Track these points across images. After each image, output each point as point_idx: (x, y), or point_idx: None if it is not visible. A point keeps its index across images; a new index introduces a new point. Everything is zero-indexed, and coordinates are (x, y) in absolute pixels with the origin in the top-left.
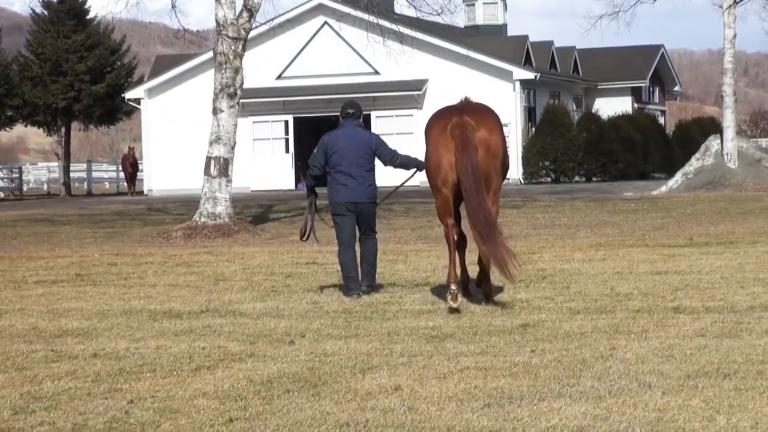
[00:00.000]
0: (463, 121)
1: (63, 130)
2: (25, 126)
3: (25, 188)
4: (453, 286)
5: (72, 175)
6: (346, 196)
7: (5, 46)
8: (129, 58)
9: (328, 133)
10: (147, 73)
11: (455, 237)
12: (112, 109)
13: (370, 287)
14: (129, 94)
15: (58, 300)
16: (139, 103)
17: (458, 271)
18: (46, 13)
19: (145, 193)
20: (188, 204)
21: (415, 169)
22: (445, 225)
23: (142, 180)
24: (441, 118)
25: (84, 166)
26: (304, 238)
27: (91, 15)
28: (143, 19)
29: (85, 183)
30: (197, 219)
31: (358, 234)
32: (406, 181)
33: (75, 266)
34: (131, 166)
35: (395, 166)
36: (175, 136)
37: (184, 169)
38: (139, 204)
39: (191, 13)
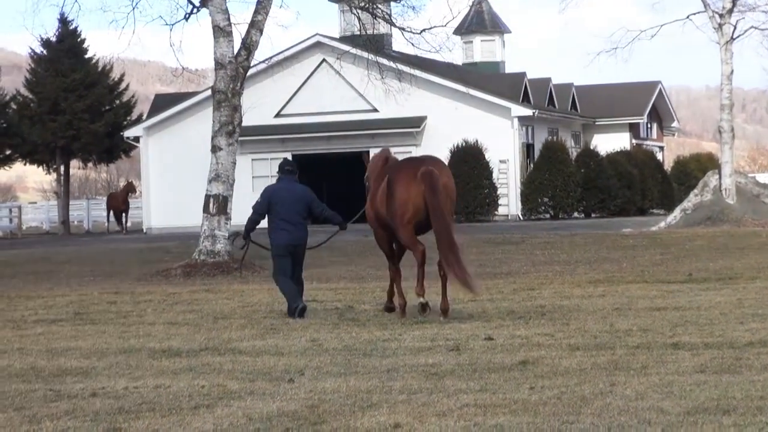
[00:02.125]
0: (430, 170)
1: (62, 168)
2: (24, 164)
3: (24, 227)
4: (422, 299)
5: (71, 213)
6: (286, 239)
7: (4, 85)
8: (128, 96)
9: (270, 186)
10: (146, 112)
11: (424, 258)
12: (111, 147)
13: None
14: (128, 133)
15: (57, 339)
16: (138, 141)
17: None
18: (44, 52)
19: (144, 230)
20: (187, 242)
21: (338, 228)
22: (418, 248)
23: (134, 218)
24: (408, 167)
25: (83, 204)
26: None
27: (89, 54)
28: (142, 57)
29: (84, 221)
30: (196, 257)
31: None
32: (331, 237)
33: (74, 305)
34: (123, 203)
35: (321, 220)
36: (174, 174)
37: (183, 206)
38: (137, 242)
39: (189, 51)
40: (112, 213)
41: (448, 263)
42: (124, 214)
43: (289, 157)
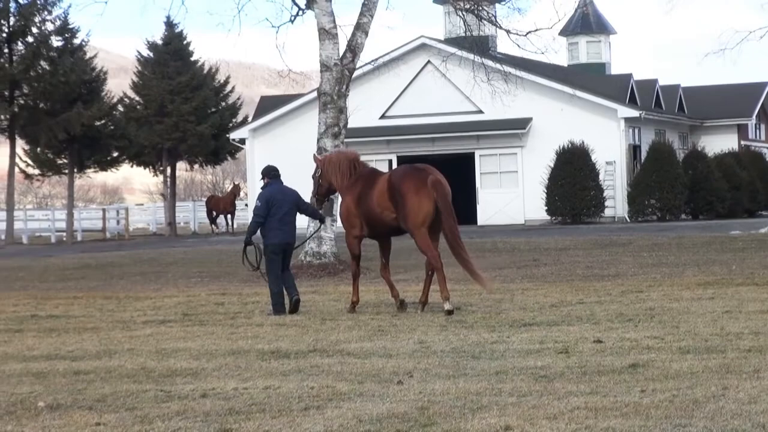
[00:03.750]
0: (439, 179)
1: (168, 170)
2: (131, 166)
3: (130, 229)
4: (448, 305)
5: (177, 215)
6: (282, 238)
7: (111, 87)
8: (233, 98)
9: (265, 190)
10: (251, 114)
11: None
12: (216, 149)
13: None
14: (233, 135)
15: (166, 340)
16: (243, 143)
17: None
18: (151, 54)
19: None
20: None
21: (320, 224)
22: (434, 253)
23: (241, 219)
24: (416, 175)
25: (189, 206)
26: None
27: (195, 57)
28: (247, 60)
29: (191, 223)
30: (302, 258)
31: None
32: (315, 233)
33: (182, 306)
34: (231, 205)
35: (307, 215)
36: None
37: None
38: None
39: (295, 53)
40: (214, 214)
41: (462, 261)
42: (230, 216)
43: (394, 159)
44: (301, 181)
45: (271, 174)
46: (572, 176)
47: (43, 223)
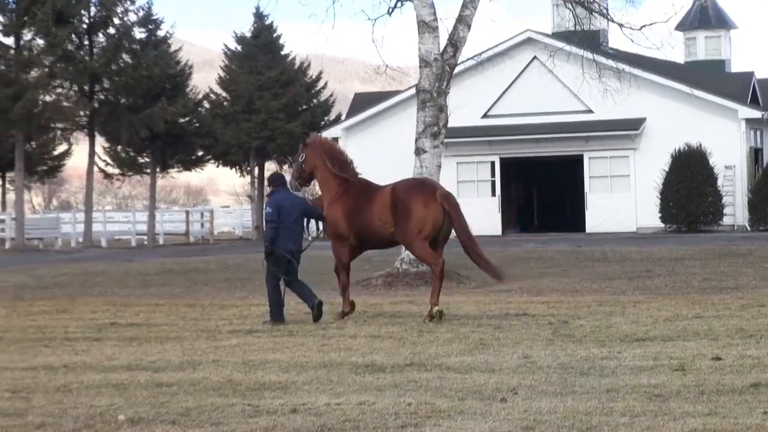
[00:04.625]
0: (447, 191)
1: (256, 170)
2: (217, 166)
3: (215, 232)
4: (438, 307)
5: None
6: (291, 246)
7: (196, 83)
8: (325, 95)
9: (274, 197)
10: (344, 111)
11: (443, 270)
12: None
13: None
14: (326, 133)
15: (254, 351)
16: (336, 142)
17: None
18: (239, 48)
19: None
20: (388, 250)
21: (321, 225)
22: (438, 261)
23: None
24: (423, 189)
25: None
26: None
27: (285, 50)
28: (340, 54)
29: None
30: (398, 266)
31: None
32: (318, 237)
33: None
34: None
35: (315, 218)
36: (374, 177)
37: None
38: None
39: (392, 47)
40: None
41: (483, 265)
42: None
43: (497, 161)
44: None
45: (277, 182)
46: (688, 181)
47: (122, 226)
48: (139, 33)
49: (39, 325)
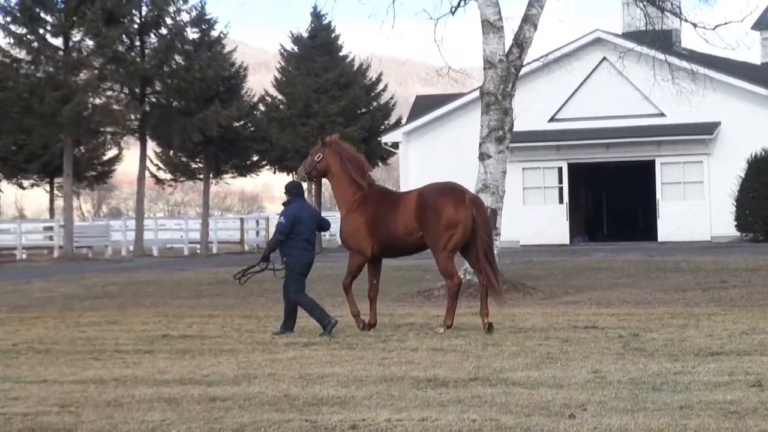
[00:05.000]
0: (477, 196)
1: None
2: (273, 172)
3: None
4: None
5: None
6: (309, 258)
7: (251, 85)
8: (386, 98)
9: (290, 207)
10: (405, 115)
11: (459, 289)
12: (367, 153)
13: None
14: (386, 138)
15: (311, 364)
16: (396, 148)
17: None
18: (295, 49)
19: None
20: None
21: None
22: (456, 278)
23: None
24: (453, 192)
25: (336, 216)
26: (240, 277)
27: (344, 51)
28: (401, 55)
29: (337, 235)
30: (461, 276)
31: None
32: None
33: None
34: None
35: (323, 230)
36: None
37: None
38: (396, 259)
39: (454, 48)
40: None
41: (489, 280)
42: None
43: (564, 167)
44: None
45: (294, 191)
46: (765, 188)
47: (175, 234)
48: (191, 33)
49: (88, 337)
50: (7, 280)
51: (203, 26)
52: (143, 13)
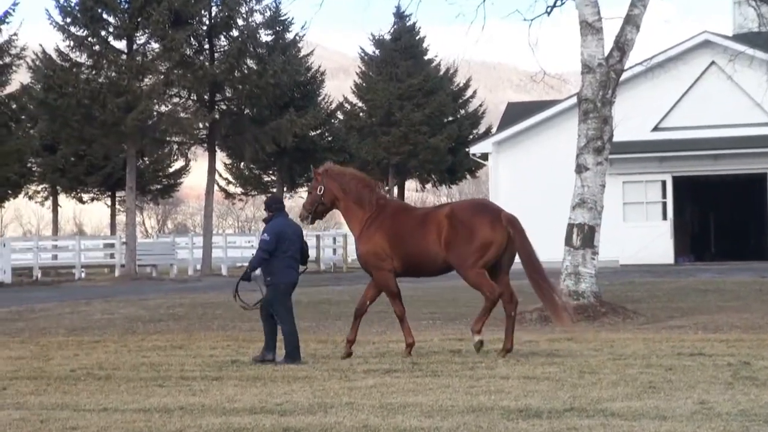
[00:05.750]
0: (511, 215)
1: (395, 189)
2: None
3: (349, 260)
4: (480, 336)
5: None
6: (295, 277)
7: (328, 91)
8: (474, 105)
9: (273, 223)
10: (495, 123)
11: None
12: (453, 165)
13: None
14: (474, 148)
15: (392, 393)
16: (486, 159)
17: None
18: (377, 52)
19: None
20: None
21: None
22: (495, 289)
23: None
24: (488, 210)
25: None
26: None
27: (429, 55)
28: (491, 59)
29: None
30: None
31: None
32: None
33: (411, 353)
34: None
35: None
36: (529, 198)
37: (540, 237)
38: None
39: (550, 51)
40: None
41: (550, 302)
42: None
43: (669, 180)
44: (555, 205)
45: (275, 206)
46: None
47: (245, 251)
48: (265, 35)
49: (152, 363)
50: (65, 300)
51: (277, 28)
52: (213, 13)
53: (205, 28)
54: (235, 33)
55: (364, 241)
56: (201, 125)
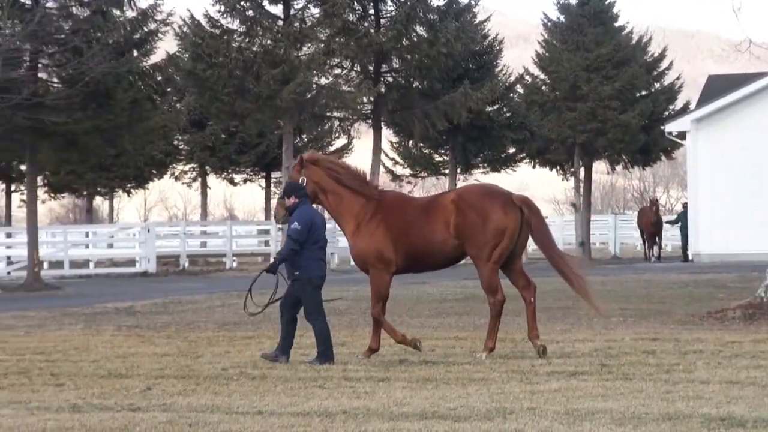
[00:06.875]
0: (524, 196)
1: (581, 172)
2: (533, 167)
3: (529, 249)
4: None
5: (593, 232)
6: (325, 270)
7: (507, 61)
8: (671, 78)
9: (303, 210)
10: (694, 99)
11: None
12: (647, 145)
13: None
14: (670, 127)
15: (579, 398)
16: (683, 138)
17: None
18: (562, 19)
19: (691, 257)
20: (748, 274)
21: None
22: (500, 295)
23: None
24: (498, 193)
25: (608, 221)
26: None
27: (620, 21)
28: (689, 27)
29: (610, 243)
30: (762, 295)
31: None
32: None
33: (599, 354)
34: (652, 225)
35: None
36: (732, 184)
37: (743, 226)
38: (681, 273)
39: (757, 18)
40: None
41: (578, 286)
42: (656, 237)
43: None
44: (760, 189)
45: (302, 191)
46: None
47: None
48: (436, 0)
49: None
50: (215, 291)
51: None
52: None
53: None
54: None
55: (361, 238)
56: (365, 99)
